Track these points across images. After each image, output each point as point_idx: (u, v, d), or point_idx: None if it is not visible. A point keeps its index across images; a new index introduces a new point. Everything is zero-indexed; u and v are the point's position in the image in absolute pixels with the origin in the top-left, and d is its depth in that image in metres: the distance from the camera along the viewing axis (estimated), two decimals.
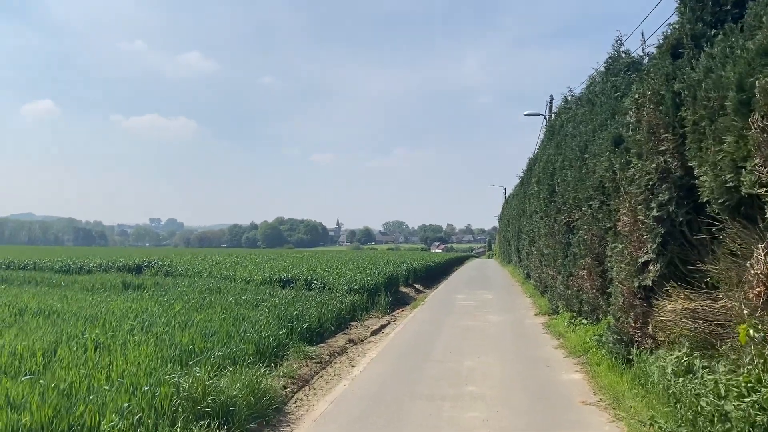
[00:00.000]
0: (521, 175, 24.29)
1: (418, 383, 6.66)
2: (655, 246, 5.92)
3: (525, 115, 25.80)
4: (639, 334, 6.38)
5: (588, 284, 9.08)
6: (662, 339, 5.91)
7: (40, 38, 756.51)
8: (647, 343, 6.26)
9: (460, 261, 46.55)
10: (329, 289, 13.81)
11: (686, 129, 5.16)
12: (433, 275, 26.29)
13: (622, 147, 7.00)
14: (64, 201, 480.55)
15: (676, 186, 5.59)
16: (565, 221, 11.00)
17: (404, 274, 20.38)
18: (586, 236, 9.06)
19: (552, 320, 11.27)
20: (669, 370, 4.96)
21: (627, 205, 6.62)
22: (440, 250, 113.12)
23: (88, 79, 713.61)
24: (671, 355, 5.12)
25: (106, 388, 4.58)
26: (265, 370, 6.14)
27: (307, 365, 7.27)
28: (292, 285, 14.48)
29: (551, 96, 24.80)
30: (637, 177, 6.27)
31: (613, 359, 6.66)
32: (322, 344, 8.79)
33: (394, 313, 13.45)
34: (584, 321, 9.59)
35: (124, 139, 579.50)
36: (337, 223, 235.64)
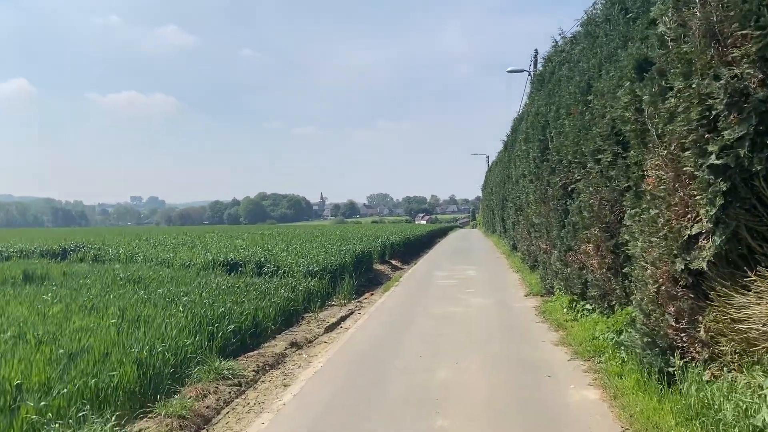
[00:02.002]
0: (505, 138, 22.21)
1: (370, 415, 4.66)
2: (713, 211, 3.91)
3: (508, 71, 23.46)
4: (684, 338, 4.42)
5: (595, 262, 7.11)
6: (725, 349, 3.97)
7: (10, 15, 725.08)
8: (697, 353, 4.31)
9: (443, 232, 44.55)
10: (284, 273, 11.67)
11: None
12: (413, 249, 24.36)
13: (653, 70, 4.90)
14: (43, 181, 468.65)
15: (757, 114, 3.53)
16: (561, 184, 8.99)
17: (379, 249, 18.41)
18: (591, 201, 7.07)
19: (546, 303, 9.35)
20: (765, 416, 2.99)
21: (664, 152, 4.57)
22: (425, 222, 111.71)
23: (63, 57, 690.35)
24: (761, 388, 3.14)
25: None
26: (127, 418, 4.05)
27: (216, 391, 5.19)
28: (240, 269, 12.29)
29: (536, 50, 22.44)
30: (682, 109, 4.20)
31: (645, 372, 4.70)
32: (252, 353, 6.68)
33: (361, 299, 11.44)
34: (588, 306, 7.67)
35: (102, 117, 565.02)
36: (321, 198, 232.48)
